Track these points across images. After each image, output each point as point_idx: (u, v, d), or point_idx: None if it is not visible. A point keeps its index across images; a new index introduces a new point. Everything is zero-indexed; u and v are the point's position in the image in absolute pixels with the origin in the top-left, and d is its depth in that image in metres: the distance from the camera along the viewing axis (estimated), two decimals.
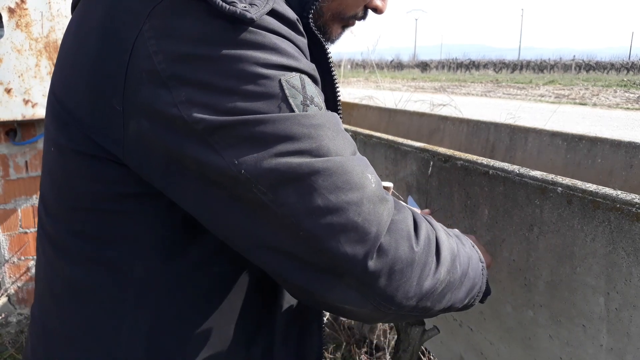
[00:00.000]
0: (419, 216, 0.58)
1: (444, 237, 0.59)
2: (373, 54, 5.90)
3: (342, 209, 0.50)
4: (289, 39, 0.53)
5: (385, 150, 1.45)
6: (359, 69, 27.64)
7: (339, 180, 0.50)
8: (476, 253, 0.69)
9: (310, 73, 0.55)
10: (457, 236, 0.67)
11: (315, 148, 0.50)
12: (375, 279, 0.51)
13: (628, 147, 1.55)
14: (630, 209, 0.80)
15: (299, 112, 0.51)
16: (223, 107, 0.48)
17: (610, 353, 0.90)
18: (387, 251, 0.51)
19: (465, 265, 0.63)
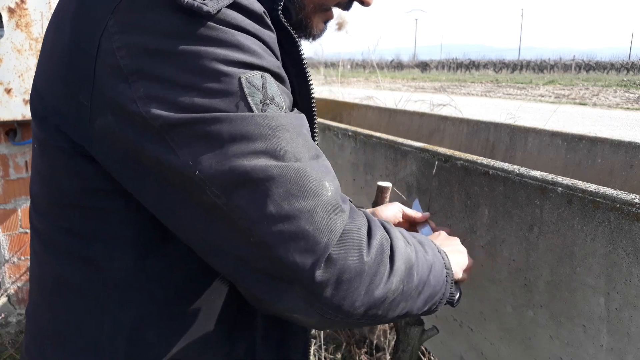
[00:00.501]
0: (375, 225, 0.56)
1: (400, 246, 0.58)
2: (373, 54, 5.91)
3: (294, 216, 0.49)
4: (253, 34, 0.52)
5: (385, 150, 1.45)
6: (359, 69, 27.65)
7: (294, 187, 0.49)
8: (441, 260, 0.68)
9: (274, 71, 0.54)
10: (420, 243, 0.66)
11: (271, 150, 0.49)
12: (322, 288, 0.50)
13: (628, 147, 1.55)
14: (630, 209, 0.80)
15: (257, 111, 0.49)
16: (180, 103, 0.48)
17: (610, 353, 0.90)
18: (335, 261, 0.50)
19: (424, 274, 0.62)
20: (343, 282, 0.51)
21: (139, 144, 0.49)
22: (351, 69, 27.24)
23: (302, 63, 0.62)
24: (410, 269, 0.59)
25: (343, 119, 3.02)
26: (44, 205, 0.61)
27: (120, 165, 0.53)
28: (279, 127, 0.50)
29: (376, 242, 0.54)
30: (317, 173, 0.51)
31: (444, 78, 27.95)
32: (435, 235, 0.87)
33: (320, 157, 0.55)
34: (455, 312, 1.31)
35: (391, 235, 0.58)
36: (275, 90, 0.52)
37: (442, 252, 0.70)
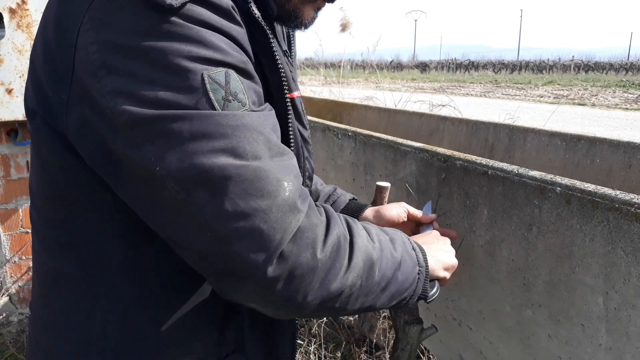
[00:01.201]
0: (334, 222, 0.57)
1: (360, 243, 0.59)
2: (373, 54, 5.91)
3: (250, 215, 0.50)
4: (219, 30, 0.53)
5: (384, 151, 1.46)
6: (359, 70, 27.67)
7: (251, 186, 0.50)
8: (413, 257, 0.68)
9: (240, 67, 0.54)
10: (391, 240, 0.66)
11: (231, 149, 0.50)
12: (274, 283, 0.52)
13: (627, 147, 1.55)
14: (629, 208, 0.81)
15: (219, 108, 0.50)
16: (144, 98, 0.49)
17: (609, 352, 0.90)
18: (287, 258, 0.51)
19: (388, 271, 0.62)
20: (295, 277, 0.52)
21: (110, 137, 0.51)
22: (351, 69, 27.26)
23: (274, 56, 0.62)
24: (371, 265, 0.59)
25: (343, 119, 3.02)
26: (38, 199, 0.63)
27: (97, 159, 0.54)
28: (240, 125, 0.51)
29: (332, 239, 0.55)
30: (276, 173, 0.52)
31: (443, 78, 27.96)
32: (424, 234, 0.87)
33: (285, 155, 0.55)
34: (454, 311, 1.32)
35: (352, 232, 0.59)
36: (239, 87, 0.53)
37: (417, 249, 0.70)
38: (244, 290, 0.53)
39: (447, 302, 1.33)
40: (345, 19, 4.82)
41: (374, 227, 0.66)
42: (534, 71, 36.44)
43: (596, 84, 20.87)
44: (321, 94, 5.34)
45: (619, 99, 14.20)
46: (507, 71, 38.02)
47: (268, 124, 0.55)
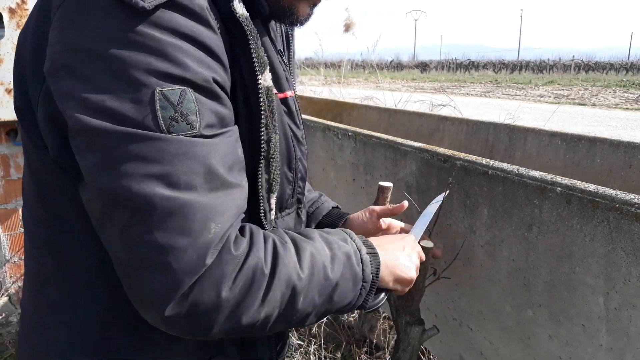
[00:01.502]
0: (253, 256, 0.54)
1: (282, 276, 0.56)
2: (373, 54, 5.90)
3: (164, 250, 0.48)
4: (190, 38, 0.51)
5: (385, 151, 1.45)
6: (359, 70, 27.67)
7: (174, 221, 0.48)
8: (357, 275, 0.65)
9: (201, 85, 0.52)
10: (332, 259, 0.63)
11: (164, 176, 0.48)
12: (173, 319, 0.50)
13: (627, 147, 1.55)
14: (629, 208, 0.81)
15: (164, 128, 0.49)
16: (93, 106, 0.48)
17: (609, 353, 0.90)
18: (188, 296, 0.50)
19: (318, 297, 0.60)
20: (195, 314, 0.51)
21: (69, 139, 0.52)
22: (351, 69, 27.27)
23: (252, 60, 0.60)
24: (293, 296, 0.57)
25: (343, 119, 3.02)
26: (28, 197, 0.65)
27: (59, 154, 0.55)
28: (180, 154, 0.49)
29: (245, 275, 0.53)
30: (206, 211, 0.50)
31: (444, 78, 27.95)
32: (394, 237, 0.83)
33: (229, 189, 0.53)
34: (454, 312, 1.32)
35: (277, 262, 0.57)
36: (192, 108, 0.50)
37: (367, 263, 0.67)
38: (148, 316, 0.52)
39: (447, 303, 1.33)
40: (349, 20, 4.82)
41: (315, 245, 0.63)
42: (534, 71, 36.44)
43: (596, 83, 20.87)
44: (321, 93, 5.34)
45: (619, 99, 14.20)
46: (508, 71, 38.02)
47: (218, 152, 0.53)
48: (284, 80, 0.74)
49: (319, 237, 0.65)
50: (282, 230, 0.64)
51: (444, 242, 1.26)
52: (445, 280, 1.21)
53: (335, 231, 0.70)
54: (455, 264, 1.19)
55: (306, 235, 0.65)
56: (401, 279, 0.75)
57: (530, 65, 38.22)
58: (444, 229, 1.25)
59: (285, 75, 0.75)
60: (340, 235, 0.69)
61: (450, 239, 1.23)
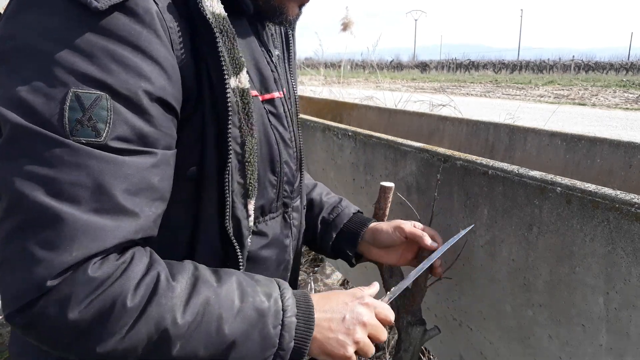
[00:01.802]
0: (115, 287, 0.50)
1: (152, 316, 0.51)
2: (373, 54, 5.91)
3: (22, 256, 0.46)
4: (129, 44, 0.50)
5: (385, 151, 1.45)
6: (359, 70, 27.67)
7: (41, 231, 0.46)
8: (268, 339, 0.58)
9: (123, 94, 0.50)
10: (237, 312, 0.56)
11: (49, 182, 0.46)
12: (20, 324, 0.49)
13: (627, 147, 1.55)
14: (629, 208, 0.81)
15: (68, 129, 0.47)
16: (9, 95, 0.48)
17: (609, 353, 0.90)
18: (33, 308, 0.47)
19: (203, 350, 0.54)
20: (39, 326, 0.48)
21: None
22: (351, 69, 27.26)
23: (220, 61, 0.58)
24: (164, 341, 0.52)
25: (343, 119, 3.02)
26: None
27: None
28: (73, 163, 0.47)
29: (101, 303, 0.49)
30: (76, 231, 0.47)
31: (444, 78, 27.96)
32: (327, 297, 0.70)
33: (119, 215, 0.49)
34: (454, 312, 1.32)
35: (150, 301, 0.51)
36: (103, 116, 0.48)
37: (289, 328, 0.59)
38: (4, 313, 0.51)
39: (447, 303, 1.33)
40: (347, 19, 4.82)
41: (219, 293, 0.56)
42: (534, 71, 36.45)
43: (596, 83, 20.87)
44: (321, 93, 5.34)
45: (619, 99, 14.21)
46: (508, 71, 38.03)
47: (121, 172, 0.50)
48: (271, 81, 0.72)
49: (235, 283, 0.59)
50: (191, 266, 0.58)
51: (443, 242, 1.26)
52: (445, 280, 1.21)
53: (266, 281, 0.63)
54: (455, 264, 1.19)
55: (220, 277, 0.59)
56: (332, 355, 0.65)
57: (530, 65, 38.23)
58: (444, 229, 1.25)
59: (275, 76, 0.73)
60: (269, 287, 0.61)
61: (450, 238, 1.23)
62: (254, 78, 0.69)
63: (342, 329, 0.65)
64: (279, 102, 0.73)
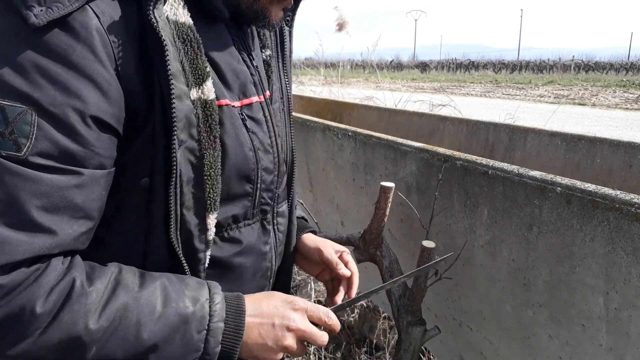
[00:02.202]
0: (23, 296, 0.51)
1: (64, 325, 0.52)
2: (373, 54, 5.91)
3: None
4: (63, 61, 0.50)
5: (385, 151, 1.45)
6: (359, 70, 27.68)
7: None
8: (191, 344, 0.58)
9: (49, 110, 0.49)
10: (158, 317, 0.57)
11: None
12: None
13: (627, 147, 1.55)
14: (629, 208, 0.81)
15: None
16: None
17: (609, 353, 0.90)
18: None
19: (122, 355, 0.55)
20: None
21: None
22: (351, 69, 27.27)
23: (167, 70, 0.56)
24: (79, 346, 0.53)
25: (343, 119, 3.02)
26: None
27: None
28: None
29: (9, 310, 0.50)
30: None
31: (444, 78, 27.97)
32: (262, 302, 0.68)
33: (32, 231, 0.50)
34: (454, 312, 1.32)
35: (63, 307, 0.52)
36: (26, 131, 0.48)
37: (215, 331, 0.60)
38: None
39: (447, 303, 1.33)
40: (341, 19, 4.82)
41: (139, 297, 0.57)
42: (534, 71, 36.45)
43: (596, 83, 20.87)
44: (321, 93, 5.34)
45: (619, 99, 14.21)
46: (508, 71, 38.03)
47: (38, 190, 0.50)
48: (249, 86, 0.70)
49: (159, 288, 0.59)
50: (114, 270, 0.58)
51: (444, 242, 1.26)
52: (445, 280, 1.21)
53: (196, 285, 0.62)
54: (455, 264, 1.19)
55: (144, 282, 0.59)
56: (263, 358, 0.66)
57: (530, 65, 38.24)
58: (444, 228, 1.25)
59: (255, 80, 0.72)
60: (197, 292, 0.61)
61: (450, 238, 1.23)
62: (232, 84, 0.68)
63: (271, 335, 0.65)
64: (258, 106, 0.72)
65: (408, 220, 1.40)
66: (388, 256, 1.25)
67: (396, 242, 1.50)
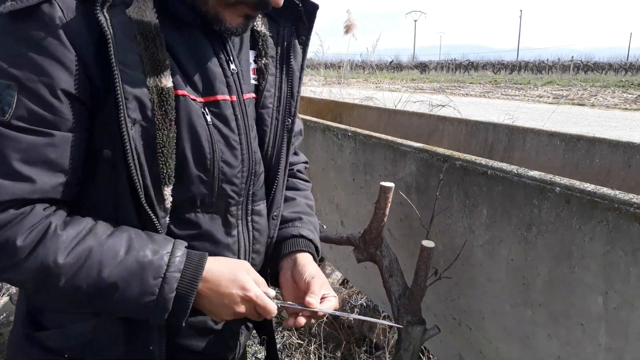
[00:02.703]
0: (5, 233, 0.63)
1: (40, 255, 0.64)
2: (372, 55, 5.91)
3: None
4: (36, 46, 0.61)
5: (384, 151, 1.46)
6: (359, 70, 27.69)
7: None
8: (145, 286, 0.68)
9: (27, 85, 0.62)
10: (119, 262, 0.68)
11: None
12: None
13: (626, 147, 1.56)
14: (628, 208, 0.81)
15: None
16: None
17: (608, 352, 0.90)
18: None
19: (86, 287, 0.67)
20: None
21: None
22: (351, 70, 27.27)
23: (110, 57, 0.65)
24: (50, 276, 0.65)
25: (343, 120, 3.02)
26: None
27: None
28: None
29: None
30: None
31: (443, 79, 27.97)
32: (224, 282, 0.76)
33: (13, 180, 0.62)
34: (454, 311, 1.32)
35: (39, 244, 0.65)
36: (9, 101, 0.62)
37: (165, 281, 0.69)
38: None
39: (447, 302, 1.34)
40: (349, 21, 4.83)
41: (105, 244, 0.68)
42: (533, 71, 36.47)
43: (595, 84, 20.88)
44: (321, 94, 5.35)
45: (618, 99, 14.22)
46: (507, 71, 38.05)
47: (18, 146, 0.62)
48: (218, 85, 0.77)
49: (125, 239, 0.70)
50: (89, 222, 0.70)
51: (443, 242, 1.26)
52: (444, 280, 1.22)
53: (162, 242, 0.72)
54: (454, 263, 1.19)
55: (112, 233, 0.70)
56: (211, 314, 0.76)
57: (529, 65, 38.26)
58: (444, 228, 1.25)
59: (229, 81, 0.78)
60: (160, 246, 0.71)
61: (449, 238, 1.24)
62: (196, 81, 0.75)
63: (225, 297, 0.75)
64: (226, 104, 0.78)
65: (408, 220, 1.40)
66: (388, 256, 1.25)
67: (396, 241, 1.50)
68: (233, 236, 0.83)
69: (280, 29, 0.87)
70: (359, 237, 1.29)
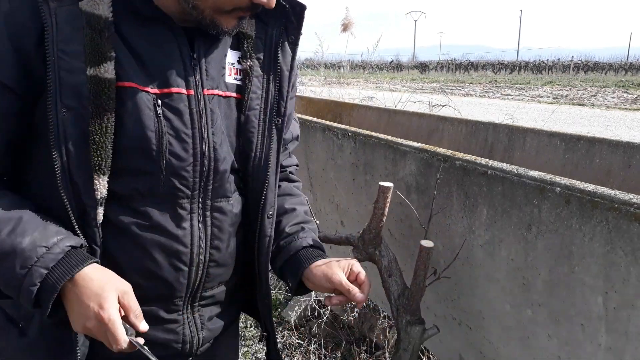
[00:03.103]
0: None
1: None
2: (372, 55, 5.91)
3: None
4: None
5: (384, 151, 1.46)
6: (359, 70, 27.69)
7: None
8: (10, 272, 0.70)
9: None
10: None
11: None
12: None
13: (626, 147, 1.56)
14: (628, 208, 0.81)
15: None
16: None
17: (608, 352, 0.90)
18: None
19: None
20: None
21: None
22: (351, 70, 27.26)
23: (45, 47, 0.70)
24: None
25: (343, 120, 3.02)
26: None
27: None
28: None
29: None
30: None
31: (443, 79, 27.96)
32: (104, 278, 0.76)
33: None
34: (454, 311, 1.32)
35: None
36: None
37: (29, 274, 0.69)
38: None
39: (446, 302, 1.34)
40: (347, 19, 4.83)
41: None
42: (533, 71, 36.47)
43: (595, 84, 20.89)
44: (321, 94, 5.35)
45: (618, 99, 14.22)
46: (507, 71, 38.06)
47: None
48: (174, 78, 0.78)
49: (14, 220, 0.72)
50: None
51: (443, 242, 1.26)
52: (444, 280, 1.21)
53: (50, 233, 0.73)
54: (454, 263, 1.19)
55: (6, 213, 0.72)
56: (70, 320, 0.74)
57: (529, 65, 38.27)
58: (443, 228, 1.25)
59: (188, 75, 0.79)
60: (43, 237, 0.72)
61: (449, 238, 1.24)
62: (152, 73, 0.77)
63: (82, 308, 0.72)
64: (181, 97, 0.79)
65: (407, 220, 1.40)
66: (387, 256, 1.25)
67: (395, 241, 1.50)
68: (184, 229, 0.83)
69: (269, 29, 0.88)
70: (358, 237, 1.29)
